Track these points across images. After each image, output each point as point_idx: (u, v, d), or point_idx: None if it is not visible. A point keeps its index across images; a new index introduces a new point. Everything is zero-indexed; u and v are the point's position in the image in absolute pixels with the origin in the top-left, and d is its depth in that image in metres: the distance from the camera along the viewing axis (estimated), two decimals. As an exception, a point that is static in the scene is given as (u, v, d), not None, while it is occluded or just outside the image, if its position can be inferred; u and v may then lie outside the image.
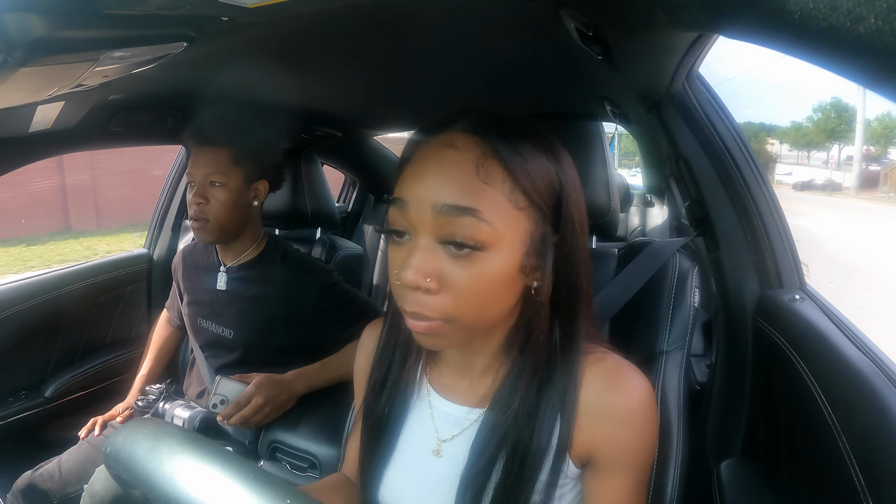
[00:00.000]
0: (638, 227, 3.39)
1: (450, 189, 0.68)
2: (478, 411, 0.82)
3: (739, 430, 1.19)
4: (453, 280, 0.68)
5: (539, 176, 0.71)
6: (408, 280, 0.68)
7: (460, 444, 0.82)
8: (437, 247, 0.69)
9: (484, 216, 0.67)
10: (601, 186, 1.28)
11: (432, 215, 0.68)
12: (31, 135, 1.45)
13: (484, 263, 0.68)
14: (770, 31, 0.42)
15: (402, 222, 0.71)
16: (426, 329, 0.71)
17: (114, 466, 0.58)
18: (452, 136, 0.71)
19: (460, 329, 0.72)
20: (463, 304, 0.69)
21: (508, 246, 0.69)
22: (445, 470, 0.81)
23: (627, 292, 1.17)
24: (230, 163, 1.58)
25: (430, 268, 0.68)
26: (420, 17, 1.08)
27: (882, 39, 0.30)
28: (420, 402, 0.88)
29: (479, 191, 0.67)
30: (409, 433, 0.87)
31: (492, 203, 0.68)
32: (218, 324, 1.70)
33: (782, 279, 1.15)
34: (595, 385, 0.77)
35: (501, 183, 0.69)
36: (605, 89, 1.56)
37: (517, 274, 0.72)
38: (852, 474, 0.75)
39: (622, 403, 0.76)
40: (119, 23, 0.84)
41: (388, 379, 0.88)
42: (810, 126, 52.64)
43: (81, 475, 1.62)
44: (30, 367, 2.00)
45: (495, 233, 0.68)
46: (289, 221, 2.11)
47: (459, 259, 0.68)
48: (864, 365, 0.83)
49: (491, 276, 0.69)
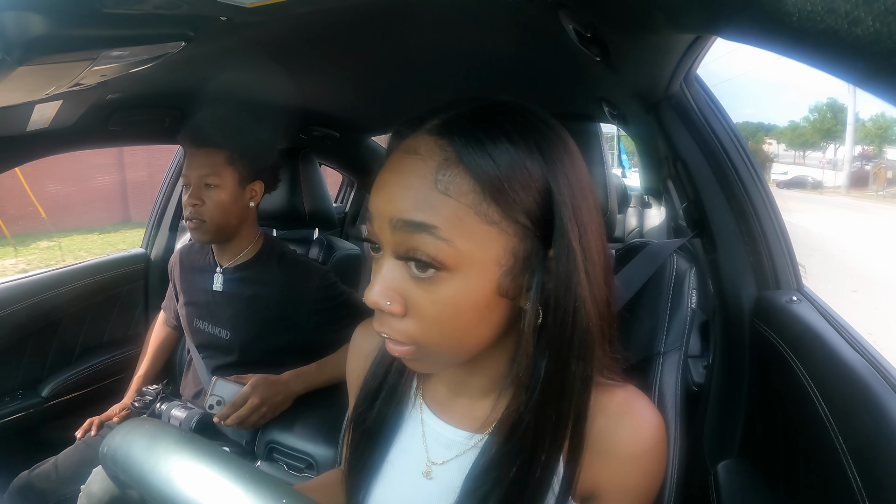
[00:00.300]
0: (635, 229, 3.39)
1: (405, 202, 0.59)
2: (475, 437, 0.74)
3: (736, 431, 1.19)
4: (417, 304, 0.60)
5: (517, 182, 0.59)
6: (369, 301, 0.61)
7: (454, 470, 0.73)
8: (399, 266, 0.61)
9: (442, 234, 0.57)
10: (598, 187, 1.28)
11: (390, 231, 0.60)
12: (28, 133, 1.45)
13: (448, 286, 0.59)
14: (768, 33, 0.42)
15: (371, 235, 0.64)
16: (400, 354, 0.64)
17: (110, 467, 0.58)
18: (417, 140, 0.62)
19: (436, 356, 0.64)
20: (429, 330, 0.61)
21: (478, 267, 0.59)
22: (436, 495, 0.74)
23: (625, 294, 1.17)
24: (225, 164, 1.58)
25: (392, 290, 0.61)
26: (418, 18, 1.08)
27: (880, 42, 0.30)
28: (412, 420, 0.79)
29: (436, 204, 0.58)
30: (399, 448, 0.79)
31: (453, 218, 0.58)
32: (214, 325, 1.70)
33: (779, 280, 1.15)
34: (603, 420, 0.69)
35: (466, 194, 0.58)
36: (602, 90, 1.56)
37: (494, 298, 0.61)
38: (849, 475, 0.75)
39: (631, 442, 0.69)
40: (117, 22, 0.84)
41: (383, 388, 0.81)
42: (807, 126, 52.80)
43: (78, 475, 1.62)
44: (26, 367, 2.00)
45: (457, 252, 0.58)
46: (286, 221, 2.11)
47: (422, 282, 0.59)
48: (861, 366, 0.83)
49: (458, 302, 0.60)
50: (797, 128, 55.26)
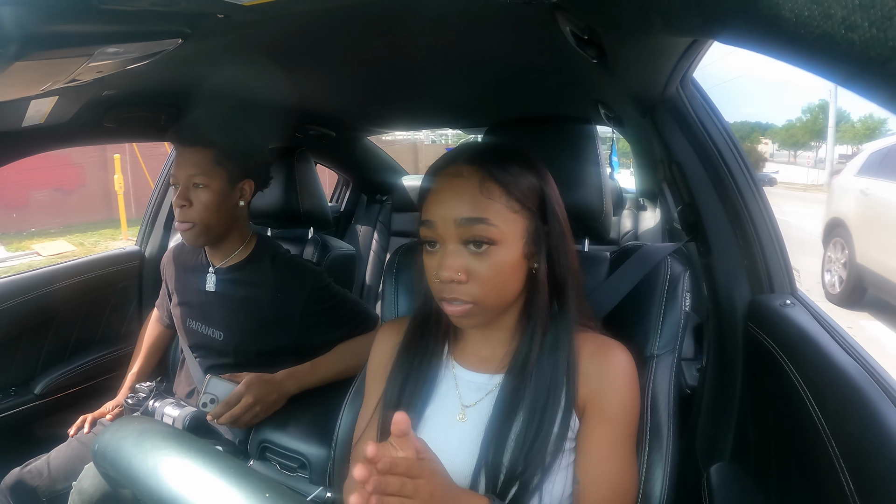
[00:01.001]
0: (630, 231, 3.39)
1: (464, 206, 0.91)
2: (498, 377, 1.00)
3: (729, 433, 1.19)
4: (477, 271, 0.91)
5: (526, 187, 0.95)
6: (444, 276, 0.91)
7: (483, 406, 0.98)
8: (461, 249, 0.92)
9: (491, 221, 0.90)
10: (594, 189, 1.28)
11: (455, 227, 0.91)
12: (23, 129, 1.44)
13: (496, 255, 0.91)
14: (765, 37, 0.42)
15: (432, 236, 0.94)
16: (461, 312, 0.92)
17: (102, 464, 0.58)
18: (458, 168, 0.95)
19: (485, 309, 0.94)
20: (485, 287, 0.91)
21: (512, 240, 0.92)
22: (469, 431, 0.97)
23: (618, 294, 1.18)
24: (213, 164, 1.55)
25: (458, 265, 0.91)
26: (415, 18, 1.08)
27: (876, 47, 0.30)
28: (446, 376, 1.05)
29: (483, 204, 0.91)
30: (436, 404, 1.02)
31: (495, 211, 0.91)
32: (207, 325, 1.69)
33: (773, 284, 1.16)
34: (587, 350, 0.97)
35: (499, 195, 0.92)
36: (599, 93, 1.57)
37: (521, 260, 0.94)
38: (841, 478, 0.75)
39: (608, 365, 0.96)
40: (114, 18, 0.84)
41: (413, 366, 1.04)
42: (799, 126, 53.04)
43: (70, 473, 1.61)
44: (19, 364, 1.99)
45: (501, 232, 0.91)
46: (281, 221, 2.11)
47: (479, 255, 0.91)
48: (854, 369, 0.84)
49: (503, 264, 0.92)
50: (791, 127, 55.46)
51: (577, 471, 0.94)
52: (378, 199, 3.46)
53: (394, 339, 1.11)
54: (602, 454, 0.93)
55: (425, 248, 0.96)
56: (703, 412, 1.31)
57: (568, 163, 1.27)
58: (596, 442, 0.93)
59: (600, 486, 0.92)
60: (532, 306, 0.98)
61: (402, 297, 1.32)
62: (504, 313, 1.00)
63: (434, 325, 1.06)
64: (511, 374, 0.97)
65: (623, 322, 1.15)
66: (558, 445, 0.92)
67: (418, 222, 0.98)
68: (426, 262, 0.96)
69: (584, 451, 0.94)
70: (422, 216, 0.96)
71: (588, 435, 0.94)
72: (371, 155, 3.32)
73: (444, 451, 0.93)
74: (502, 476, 0.90)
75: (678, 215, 1.33)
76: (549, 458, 0.91)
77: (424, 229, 0.95)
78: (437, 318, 1.05)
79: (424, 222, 0.95)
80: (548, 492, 0.91)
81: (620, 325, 1.15)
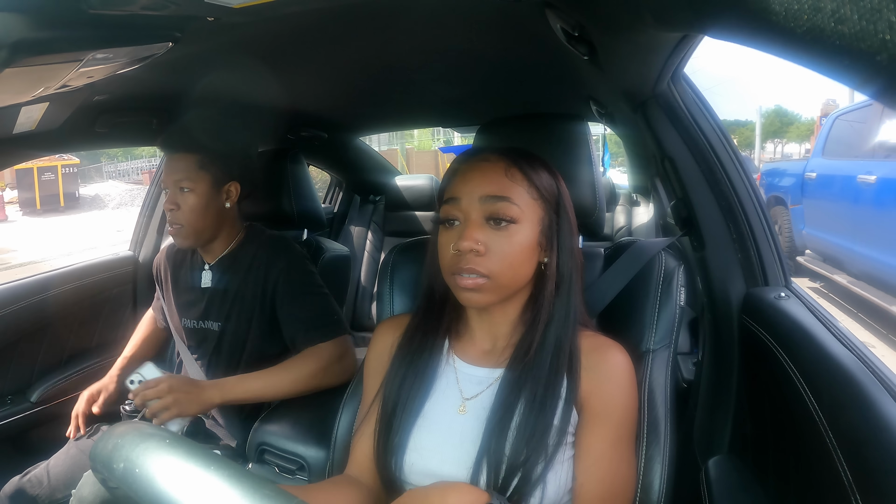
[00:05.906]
0: (624, 227, 3.40)
1: (490, 185, 0.96)
2: (499, 371, 1.00)
3: (726, 426, 1.20)
4: (495, 245, 0.94)
5: (545, 179, 1.00)
6: (464, 246, 0.93)
7: (484, 399, 0.99)
8: (483, 223, 0.95)
9: (514, 201, 0.95)
10: (587, 186, 1.28)
11: (479, 203, 0.95)
12: (14, 136, 1.44)
13: (515, 233, 0.95)
14: (754, 31, 0.42)
15: (455, 213, 0.97)
16: (474, 285, 0.94)
17: (100, 471, 0.58)
18: (486, 155, 1.00)
19: (497, 286, 0.95)
20: (501, 263, 0.94)
21: (529, 222, 0.97)
22: (470, 423, 0.97)
23: (612, 290, 1.18)
24: (197, 168, 1.60)
25: (479, 237, 0.94)
26: (406, 18, 1.08)
27: (866, 40, 0.30)
28: (447, 371, 1.05)
29: (508, 185, 0.96)
30: (436, 397, 1.03)
31: (517, 193, 0.96)
32: (203, 322, 1.70)
33: (767, 277, 1.16)
34: (586, 348, 0.99)
35: (521, 181, 0.97)
36: (590, 89, 1.57)
37: (535, 246, 0.98)
38: (839, 468, 0.75)
39: (606, 364, 0.97)
40: (104, 23, 0.83)
41: (414, 360, 1.05)
42: (753, 125, 53.73)
43: (70, 480, 1.61)
44: (15, 372, 1.98)
45: (521, 212, 0.95)
46: (274, 223, 2.10)
47: (499, 231, 0.95)
48: (849, 361, 0.84)
49: (521, 243, 0.95)
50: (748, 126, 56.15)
51: (576, 469, 0.94)
52: (371, 200, 3.46)
53: (392, 335, 1.11)
54: (600, 454, 0.93)
55: (442, 227, 1.00)
56: (700, 406, 1.31)
57: (561, 160, 1.27)
58: (594, 441, 0.94)
59: (598, 486, 0.92)
60: (537, 300, 1.00)
61: (397, 297, 1.32)
62: (508, 303, 1.02)
63: (436, 321, 1.07)
64: (511, 367, 0.98)
65: (618, 317, 1.16)
66: (560, 438, 0.92)
67: (438, 204, 1.03)
68: (442, 239, 0.99)
69: (582, 451, 0.94)
70: (445, 195, 1.00)
71: (586, 434, 0.94)
72: (363, 155, 3.32)
73: (446, 443, 0.98)
74: (504, 466, 0.90)
75: (671, 210, 1.33)
76: (551, 449, 0.91)
77: (447, 206, 0.99)
78: (440, 313, 1.07)
79: (448, 200, 0.99)
80: (552, 482, 0.91)
81: (616, 321, 1.15)
